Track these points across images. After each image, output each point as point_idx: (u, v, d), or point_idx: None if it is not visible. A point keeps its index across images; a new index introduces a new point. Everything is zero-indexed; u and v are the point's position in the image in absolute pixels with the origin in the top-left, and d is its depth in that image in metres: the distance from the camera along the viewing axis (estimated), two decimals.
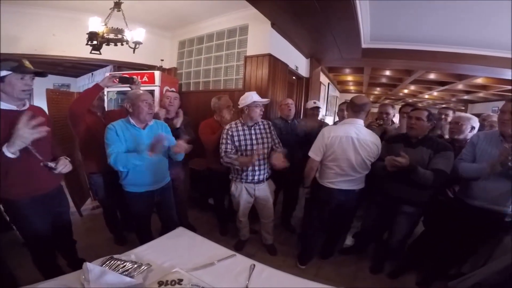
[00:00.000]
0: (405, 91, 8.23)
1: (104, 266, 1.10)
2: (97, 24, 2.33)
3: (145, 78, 3.27)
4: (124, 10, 2.54)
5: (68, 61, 3.59)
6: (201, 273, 1.14)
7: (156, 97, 3.12)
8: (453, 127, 2.26)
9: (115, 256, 1.18)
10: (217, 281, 1.10)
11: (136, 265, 1.12)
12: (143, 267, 1.12)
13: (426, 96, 8.63)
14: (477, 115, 2.43)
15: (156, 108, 2.42)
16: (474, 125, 2.19)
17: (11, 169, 1.30)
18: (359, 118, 1.97)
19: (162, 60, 3.86)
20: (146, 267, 1.12)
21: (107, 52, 2.61)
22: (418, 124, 1.85)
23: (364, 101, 1.96)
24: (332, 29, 2.91)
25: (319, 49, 4.06)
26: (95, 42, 2.34)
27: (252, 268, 1.20)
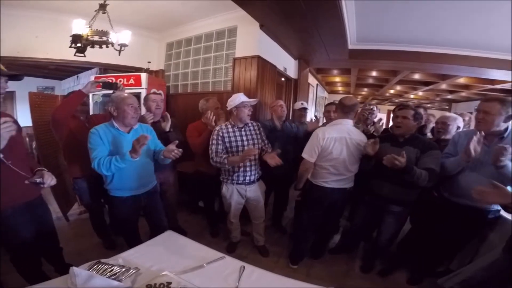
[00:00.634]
0: (391, 91, 8.41)
1: (91, 270, 1.08)
2: (81, 26, 2.29)
3: (132, 81, 3.23)
4: (111, 12, 2.50)
5: (51, 64, 3.50)
6: (190, 276, 1.13)
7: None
8: (440, 128, 2.32)
9: (103, 260, 1.16)
10: (206, 283, 1.10)
11: (124, 269, 1.10)
12: (131, 270, 1.10)
13: (412, 96, 8.84)
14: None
15: (143, 111, 2.39)
16: (460, 124, 2.25)
17: None
18: (348, 119, 2.03)
19: (149, 62, 3.83)
20: (134, 271, 1.11)
21: (93, 54, 2.56)
22: (405, 123, 1.87)
23: (353, 102, 2.02)
24: (319, 29, 2.94)
25: (307, 50, 4.10)
26: (79, 45, 2.30)
27: (242, 269, 1.20)
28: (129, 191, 1.79)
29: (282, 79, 4.38)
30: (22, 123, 1.64)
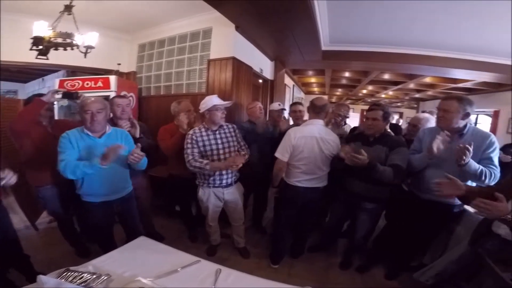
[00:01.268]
0: (364, 91, 8.75)
1: (60, 278, 1.04)
2: (42, 28, 2.17)
3: (100, 83, 3.09)
4: (77, 13, 2.39)
5: (13, 66, 3.28)
6: (165, 281, 1.11)
7: None
8: (412, 130, 2.43)
9: (72, 268, 1.12)
10: None
11: (94, 276, 1.07)
12: (102, 277, 1.07)
13: (383, 95, 9.25)
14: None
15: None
16: (432, 124, 2.35)
17: None
18: (319, 119, 2.08)
19: (119, 64, 3.68)
20: (105, 277, 1.07)
21: (58, 56, 2.44)
22: (375, 124, 1.94)
23: (324, 102, 2.08)
24: (293, 30, 2.98)
25: (283, 51, 4.15)
26: (40, 47, 2.17)
27: (218, 272, 1.19)
28: (100, 197, 1.75)
29: (260, 80, 4.40)
30: None
